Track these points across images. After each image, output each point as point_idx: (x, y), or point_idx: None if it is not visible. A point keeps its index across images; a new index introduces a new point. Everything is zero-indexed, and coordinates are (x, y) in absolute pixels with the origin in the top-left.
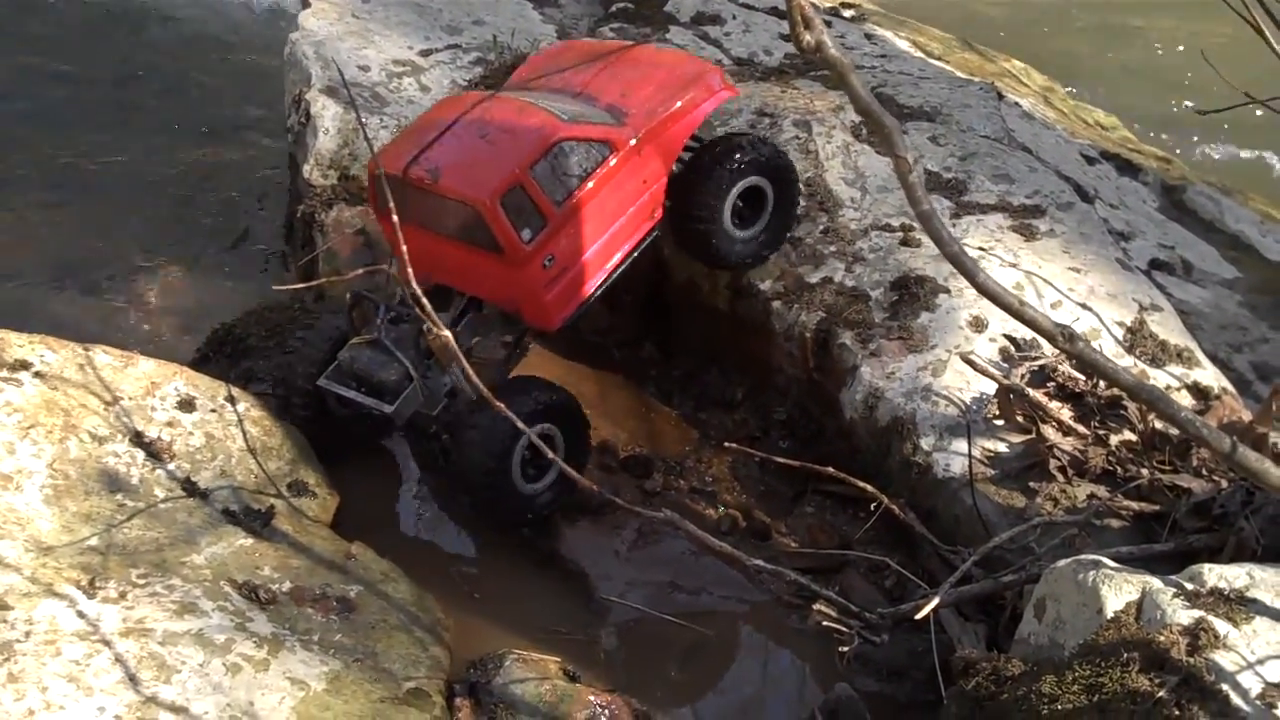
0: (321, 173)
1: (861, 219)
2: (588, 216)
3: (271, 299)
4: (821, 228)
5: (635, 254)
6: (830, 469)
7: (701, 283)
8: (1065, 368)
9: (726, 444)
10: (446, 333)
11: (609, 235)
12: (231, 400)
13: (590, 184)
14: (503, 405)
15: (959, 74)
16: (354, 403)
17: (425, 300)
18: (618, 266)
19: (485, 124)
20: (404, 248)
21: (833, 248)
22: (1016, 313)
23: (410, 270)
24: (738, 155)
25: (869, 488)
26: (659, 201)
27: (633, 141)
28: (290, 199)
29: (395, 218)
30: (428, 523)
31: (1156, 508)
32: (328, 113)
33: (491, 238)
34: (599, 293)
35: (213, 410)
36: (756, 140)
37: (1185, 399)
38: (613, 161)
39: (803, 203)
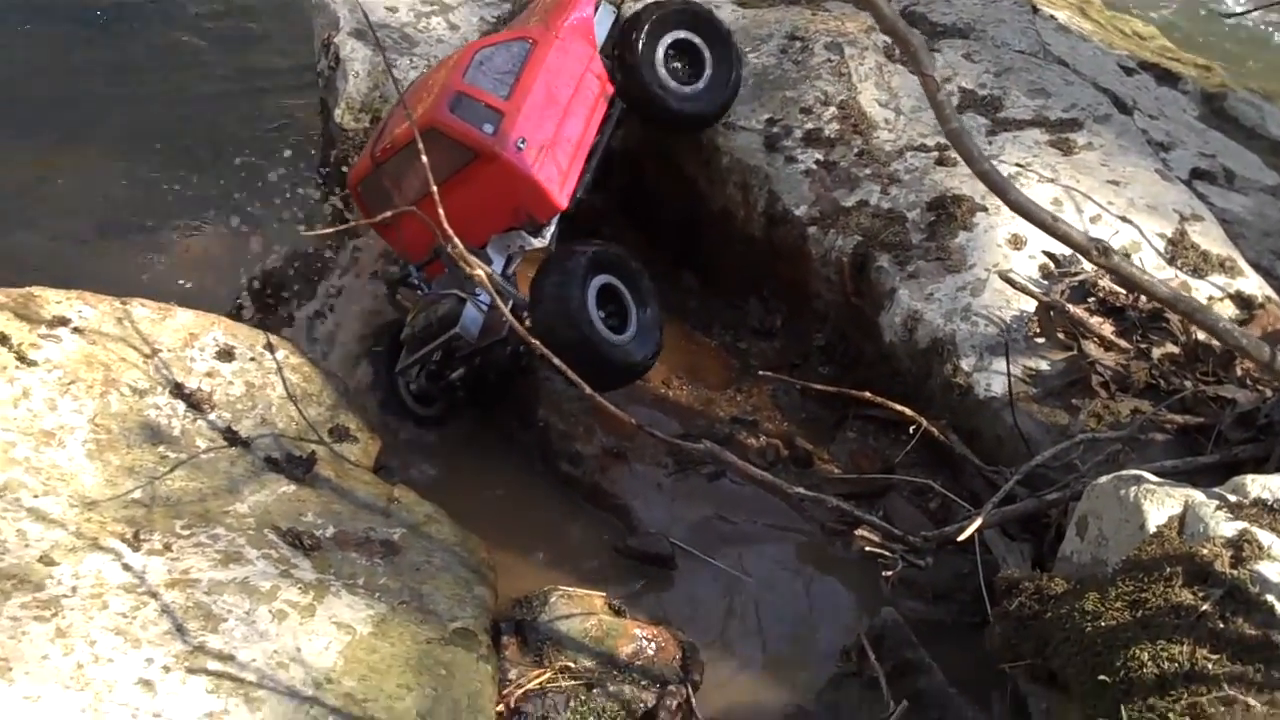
0: (353, 116)
1: (896, 140)
2: (537, 99)
3: (305, 245)
4: (856, 150)
5: (609, 128)
6: (868, 393)
7: (737, 210)
8: (1105, 282)
9: (766, 372)
10: (482, 269)
11: (567, 111)
12: (270, 348)
13: (524, 72)
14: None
15: None
16: (434, 365)
17: (454, 238)
18: (595, 139)
19: (424, 85)
20: (440, 210)
21: (868, 170)
22: (1049, 228)
23: (441, 230)
24: (653, 15)
25: (908, 411)
26: (603, 75)
27: (544, 32)
28: (323, 144)
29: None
30: (469, 464)
31: (1201, 420)
32: (357, 56)
33: (462, 147)
34: (593, 167)
35: (252, 359)
36: (669, 3)
37: (1228, 309)
38: (533, 50)
39: (837, 126)
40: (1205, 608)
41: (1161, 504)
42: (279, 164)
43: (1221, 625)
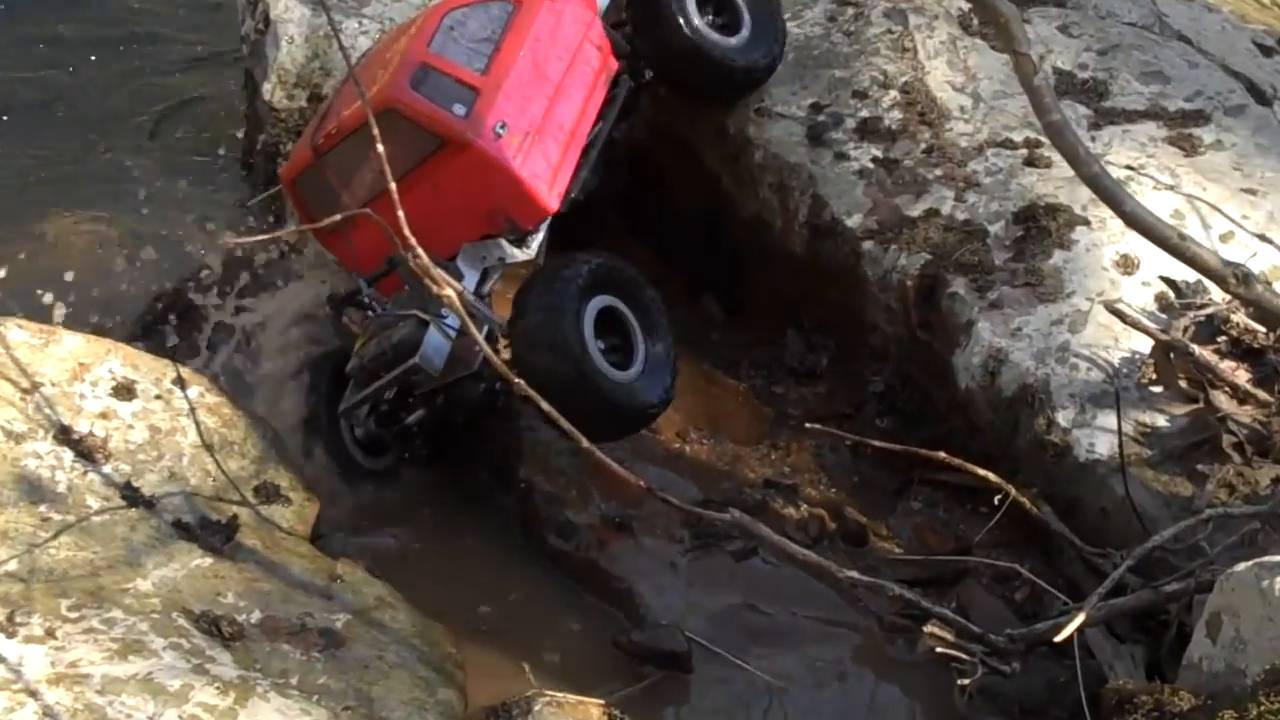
0: (286, 93)
1: (974, 133)
2: (521, 74)
3: (227, 254)
4: (924, 146)
5: (612, 112)
6: (942, 453)
7: (772, 219)
8: (1240, 317)
9: (809, 424)
10: (450, 286)
11: (559, 90)
12: (181, 383)
13: (505, 40)
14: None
15: None
16: (389, 405)
17: (416, 247)
18: (595, 126)
19: (379, 56)
20: (399, 212)
21: (938, 171)
22: (1175, 249)
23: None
24: None
25: (992, 476)
26: (605, 47)
27: None
28: (248, 128)
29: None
30: (431, 534)
31: None
32: (292, 16)
33: (427, 133)
34: (591, 161)
35: (157, 397)
36: None
37: None
38: (517, 12)
39: (900, 115)
40: None
41: None
42: (194, 153)
43: None
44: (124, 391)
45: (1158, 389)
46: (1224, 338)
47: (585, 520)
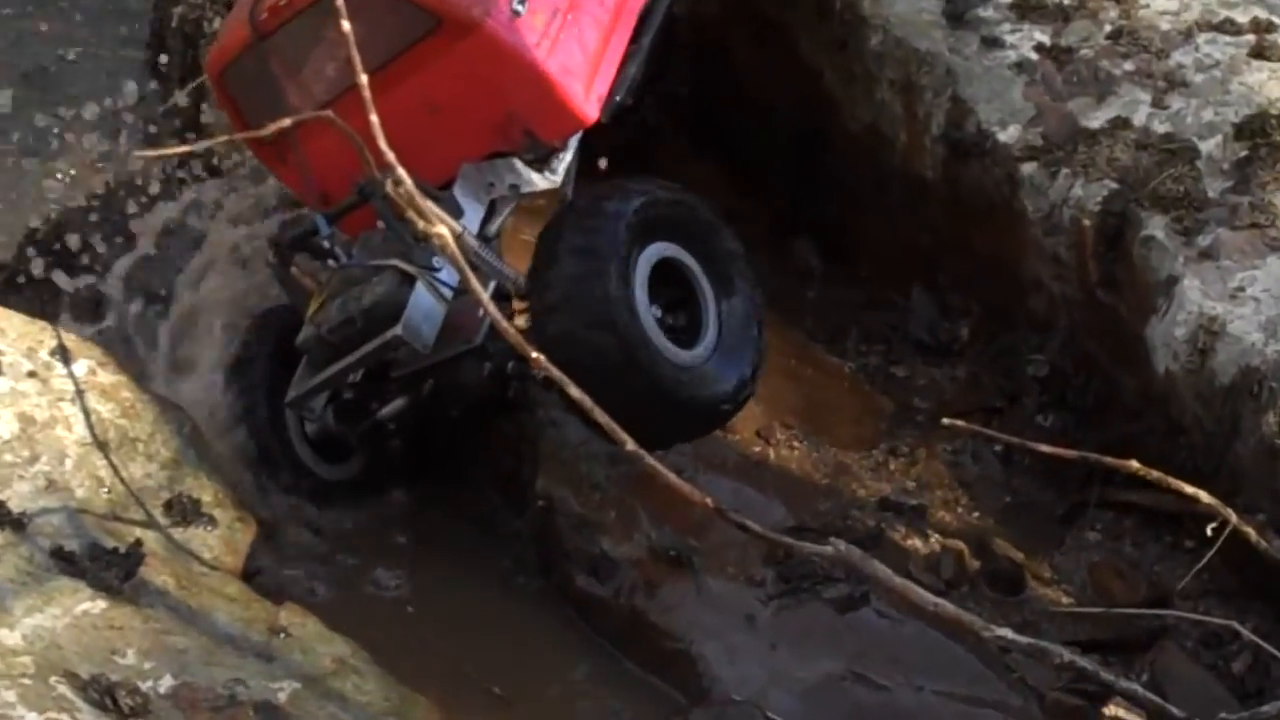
0: None
1: (1180, 12)
2: None
3: (124, 174)
4: (1108, 29)
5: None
6: (1133, 463)
7: (894, 131)
8: None
9: (944, 421)
10: (445, 225)
11: None
12: (64, 356)
13: None
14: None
15: None
16: (354, 382)
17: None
18: (645, 3)
19: None
20: (372, 116)
21: (1128, 65)
22: None
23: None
24: None
25: (1202, 495)
26: None
27: None
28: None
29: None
30: (415, 567)
31: None
32: None
33: (416, 8)
34: (642, 53)
35: (31, 374)
36: None
37: None
38: None
39: None
40: None
41: None
42: (83, 38)
43: None
44: None
45: None
46: None
47: (628, 554)
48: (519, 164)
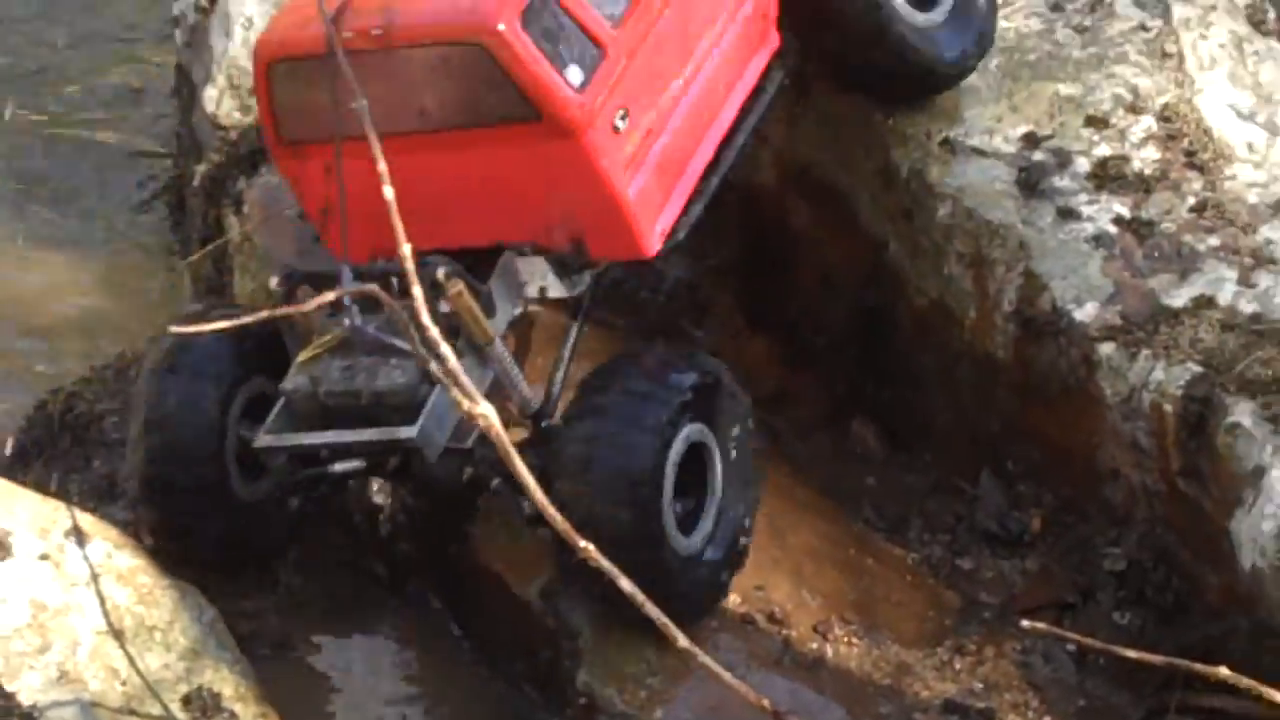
0: (238, 102)
1: (1268, 184)
2: (661, 39)
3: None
4: (1192, 201)
5: (752, 119)
6: (1223, 669)
7: (962, 307)
8: None
9: (1025, 623)
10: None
11: (696, 67)
12: (78, 537)
13: None
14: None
15: None
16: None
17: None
18: (729, 134)
19: None
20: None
21: (1214, 240)
22: None
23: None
24: None
25: None
26: (768, 15)
27: None
28: (179, 154)
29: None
30: None
31: None
32: None
33: (518, 93)
34: (712, 187)
35: (44, 557)
36: None
37: None
38: None
39: (1157, 154)
40: None
41: None
42: (99, 186)
43: None
44: None
45: None
46: None
47: None
48: (549, 267)
